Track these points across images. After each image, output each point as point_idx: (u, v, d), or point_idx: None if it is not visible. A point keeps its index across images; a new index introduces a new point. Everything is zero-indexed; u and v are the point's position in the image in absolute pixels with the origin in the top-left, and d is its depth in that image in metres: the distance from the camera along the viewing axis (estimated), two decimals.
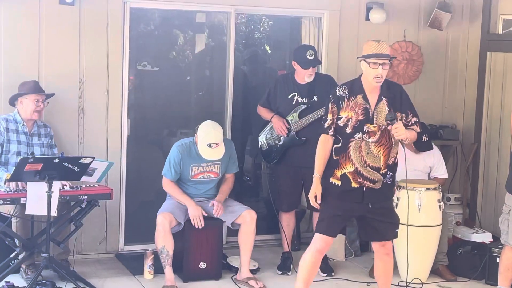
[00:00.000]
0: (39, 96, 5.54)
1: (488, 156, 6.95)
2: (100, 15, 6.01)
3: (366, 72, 4.58)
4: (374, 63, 4.52)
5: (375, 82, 4.55)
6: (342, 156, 4.59)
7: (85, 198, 5.35)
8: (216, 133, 5.50)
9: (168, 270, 5.50)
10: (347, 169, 4.59)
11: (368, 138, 4.56)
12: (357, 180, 4.59)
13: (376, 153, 4.58)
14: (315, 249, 4.74)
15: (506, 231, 5.17)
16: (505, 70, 6.74)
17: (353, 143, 4.56)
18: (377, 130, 4.57)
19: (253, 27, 7.42)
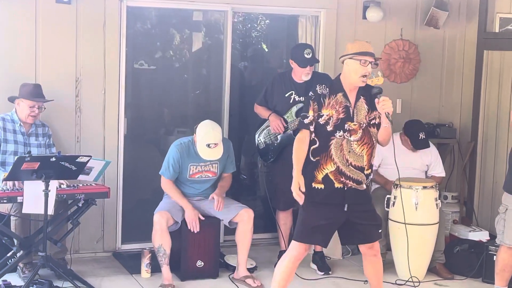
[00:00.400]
0: (35, 102, 5.50)
1: (485, 154, 6.96)
2: (97, 13, 6.01)
3: (352, 69, 4.54)
4: (365, 61, 4.52)
5: (361, 81, 4.54)
6: (323, 156, 4.55)
7: (82, 197, 5.34)
8: (215, 133, 5.50)
9: (165, 269, 5.50)
10: (328, 169, 4.56)
11: (350, 136, 4.54)
12: (339, 179, 4.56)
13: (359, 152, 4.57)
14: (293, 256, 4.68)
15: (502, 231, 5.17)
16: (501, 68, 6.74)
17: (334, 141, 4.54)
18: (358, 128, 4.56)
19: (250, 25, 7.41)
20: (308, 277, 5.84)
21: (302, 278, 5.75)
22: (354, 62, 4.54)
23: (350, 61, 4.56)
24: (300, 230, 4.66)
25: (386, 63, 7.05)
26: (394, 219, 5.90)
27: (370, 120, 4.59)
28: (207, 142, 5.46)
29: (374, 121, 4.60)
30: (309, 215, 4.63)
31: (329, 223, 4.64)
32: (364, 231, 4.71)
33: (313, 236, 4.67)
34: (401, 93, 7.12)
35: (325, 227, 4.64)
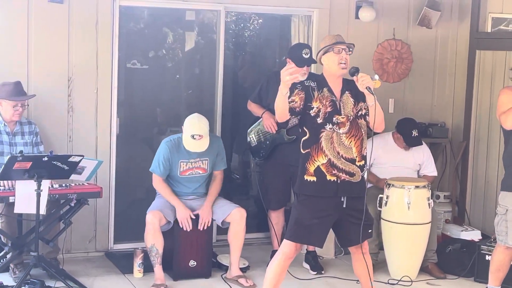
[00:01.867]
0: (17, 102, 5.45)
1: (477, 154, 6.98)
2: (89, 13, 6.00)
3: (330, 61, 4.59)
4: (338, 49, 4.56)
5: (340, 69, 4.56)
6: (314, 148, 4.56)
7: (74, 197, 5.33)
8: (200, 125, 5.51)
9: (158, 269, 5.50)
10: (319, 161, 4.56)
11: (339, 129, 4.56)
12: (331, 172, 4.56)
13: (347, 144, 4.58)
14: (284, 255, 4.68)
15: (505, 232, 5.13)
16: (494, 68, 6.77)
17: (324, 134, 4.55)
18: (346, 120, 4.57)
19: (242, 25, 7.41)
20: (301, 276, 5.84)
21: (295, 277, 5.75)
22: (329, 55, 4.59)
23: (325, 56, 4.61)
24: (294, 229, 4.65)
25: (378, 63, 7.06)
26: (386, 218, 5.91)
27: (357, 111, 4.61)
28: (192, 133, 5.47)
29: (361, 112, 4.62)
30: (302, 214, 4.62)
31: (322, 221, 4.63)
32: (357, 231, 4.70)
33: (307, 236, 4.67)
34: (393, 93, 7.13)
35: (319, 225, 4.63)
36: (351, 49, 4.63)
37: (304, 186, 4.62)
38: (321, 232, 4.69)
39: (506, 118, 5.02)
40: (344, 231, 4.72)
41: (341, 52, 4.57)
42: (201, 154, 5.69)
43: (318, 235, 4.69)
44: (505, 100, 5.08)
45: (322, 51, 4.62)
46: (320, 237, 4.70)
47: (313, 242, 4.82)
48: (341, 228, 4.71)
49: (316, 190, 4.59)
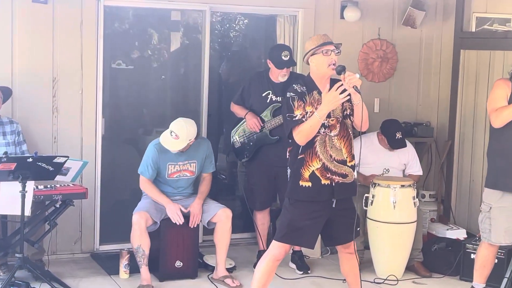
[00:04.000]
0: None
1: (462, 153, 7.01)
2: (74, 13, 5.98)
3: (319, 63, 4.55)
4: (326, 51, 4.54)
5: (330, 69, 4.54)
6: (308, 153, 4.54)
7: (59, 198, 5.31)
8: (182, 125, 5.49)
9: (144, 270, 5.49)
10: (314, 166, 4.55)
11: (330, 132, 4.56)
12: (325, 175, 4.56)
13: (338, 146, 4.58)
14: (273, 256, 4.67)
15: (489, 229, 5.15)
16: (478, 68, 6.80)
17: (319, 138, 4.54)
18: (336, 122, 4.57)
19: (228, 25, 7.40)
20: (287, 276, 5.85)
21: (281, 277, 5.75)
22: (317, 57, 4.55)
23: (313, 57, 4.57)
24: (285, 231, 4.63)
25: (364, 63, 7.08)
26: (372, 217, 5.93)
27: (343, 112, 4.60)
28: (172, 129, 5.48)
29: (347, 112, 4.61)
30: (294, 216, 4.61)
31: (314, 222, 4.63)
32: (345, 230, 4.71)
33: (299, 237, 4.66)
34: (379, 93, 7.15)
35: (311, 227, 4.63)
36: (340, 49, 4.61)
37: (298, 192, 4.59)
38: (313, 234, 4.69)
39: (497, 118, 5.01)
40: (332, 230, 4.72)
41: (330, 54, 4.55)
42: (190, 157, 5.68)
43: (310, 237, 4.69)
44: (498, 96, 5.04)
45: (310, 52, 4.57)
46: (312, 239, 4.71)
47: (305, 244, 4.80)
48: (329, 227, 4.71)
49: (312, 195, 4.57)
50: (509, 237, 5.13)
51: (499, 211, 5.10)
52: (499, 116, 4.99)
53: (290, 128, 4.53)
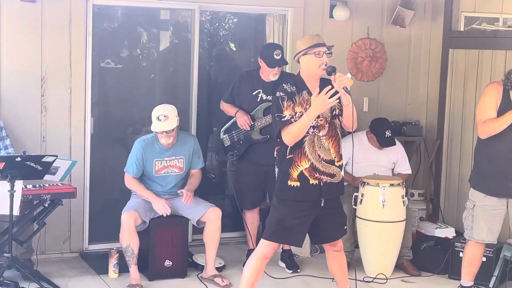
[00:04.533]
0: None
1: (451, 152, 7.03)
2: (63, 12, 5.96)
3: (310, 64, 4.55)
4: (318, 53, 4.54)
5: (321, 70, 4.54)
6: (297, 153, 4.55)
7: (48, 197, 5.30)
8: (165, 107, 5.55)
9: (133, 269, 5.48)
10: (302, 166, 4.56)
11: (319, 132, 4.57)
12: (314, 175, 4.57)
13: (327, 146, 4.59)
14: (261, 255, 4.68)
15: (471, 226, 5.20)
16: (467, 67, 6.82)
17: (308, 138, 4.55)
18: (325, 122, 4.58)
19: (217, 24, 7.40)
20: (277, 275, 5.85)
21: (271, 276, 5.75)
22: (309, 57, 4.56)
23: (305, 57, 4.57)
24: (273, 230, 4.64)
25: (353, 62, 7.09)
26: (361, 216, 5.94)
27: (332, 112, 4.61)
28: (157, 115, 5.50)
29: (335, 112, 4.62)
30: (283, 215, 4.62)
31: (303, 221, 4.64)
32: (332, 228, 4.73)
33: (288, 236, 4.67)
34: (368, 92, 7.17)
35: (299, 226, 4.64)
36: (331, 51, 4.61)
37: (287, 191, 4.60)
38: (301, 232, 4.71)
39: (483, 131, 5.03)
40: (320, 229, 4.73)
41: (322, 56, 4.55)
42: (176, 152, 5.68)
43: (298, 235, 4.70)
44: (487, 105, 5.03)
45: (302, 52, 4.57)
46: (300, 237, 4.72)
47: (294, 242, 4.82)
48: (316, 226, 4.72)
49: (300, 195, 4.59)
50: (492, 235, 5.17)
51: (482, 210, 5.14)
52: (485, 129, 5.02)
53: (279, 128, 4.53)
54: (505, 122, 4.95)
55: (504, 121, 4.95)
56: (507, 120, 4.94)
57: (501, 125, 4.96)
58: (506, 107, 4.99)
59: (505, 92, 5.03)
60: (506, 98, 5.02)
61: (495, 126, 4.97)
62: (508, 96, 5.02)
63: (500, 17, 7.75)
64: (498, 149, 5.03)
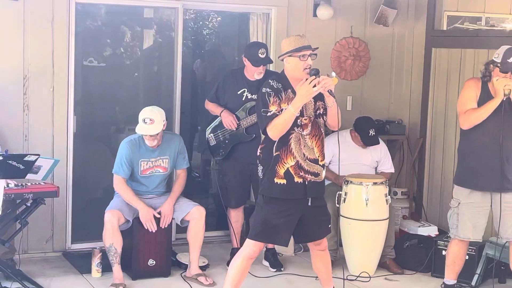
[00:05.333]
0: None
1: (434, 150, 7.06)
2: (45, 10, 5.92)
3: (295, 66, 4.56)
4: (303, 55, 4.54)
5: (305, 73, 4.54)
6: (283, 150, 4.57)
7: (30, 196, 5.26)
8: (153, 110, 5.52)
9: (117, 268, 5.46)
10: (288, 163, 4.57)
11: (302, 131, 4.59)
12: (299, 174, 4.58)
13: (310, 144, 4.61)
14: (247, 254, 4.68)
15: (456, 225, 5.22)
16: (449, 66, 6.85)
17: (294, 136, 4.56)
18: (308, 122, 4.59)
19: (201, 23, 7.39)
20: (260, 274, 5.85)
21: (254, 275, 5.75)
22: (294, 59, 4.56)
23: (289, 58, 4.58)
24: (259, 229, 4.64)
25: (336, 61, 7.11)
26: (345, 215, 5.95)
27: (316, 111, 4.63)
28: (143, 117, 5.47)
29: (319, 111, 4.64)
30: (269, 214, 4.62)
31: (288, 220, 4.64)
32: (317, 227, 4.75)
33: (273, 235, 4.68)
34: (351, 90, 7.19)
35: (285, 225, 4.64)
36: (316, 53, 4.62)
37: (273, 189, 4.60)
38: (287, 232, 4.71)
39: (465, 120, 5.08)
40: (304, 228, 4.74)
41: (307, 60, 4.55)
42: (162, 153, 5.66)
43: (284, 235, 4.71)
44: (467, 97, 5.11)
45: (287, 54, 4.57)
46: (286, 236, 4.73)
47: (280, 241, 4.81)
48: (301, 225, 4.73)
49: (286, 192, 4.59)
50: (477, 233, 5.20)
51: (467, 207, 5.17)
52: (467, 119, 5.07)
53: (265, 123, 4.53)
54: (486, 110, 5.00)
55: (485, 109, 5.00)
56: (488, 108, 4.99)
57: (483, 113, 5.01)
58: (486, 99, 5.05)
59: (484, 85, 5.12)
60: (485, 90, 5.10)
61: (477, 115, 5.02)
62: (487, 89, 5.09)
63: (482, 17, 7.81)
64: (481, 141, 5.07)
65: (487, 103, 5.00)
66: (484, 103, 5.03)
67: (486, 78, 5.11)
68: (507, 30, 6.76)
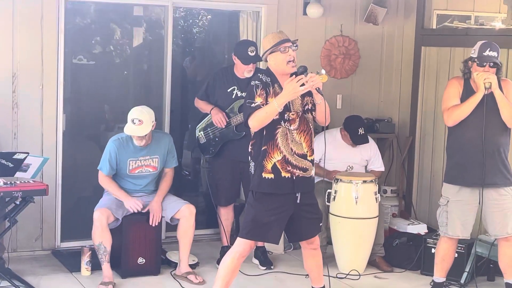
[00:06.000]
0: None
1: (423, 148, 7.08)
2: (34, 8, 5.90)
3: (278, 61, 4.59)
4: (284, 49, 4.57)
5: (290, 67, 4.58)
6: (270, 145, 4.59)
7: (19, 195, 5.24)
8: (142, 110, 5.51)
9: (106, 266, 5.45)
10: (275, 158, 4.59)
11: (290, 126, 4.60)
12: (286, 168, 4.60)
13: (298, 140, 4.62)
14: (238, 253, 4.69)
15: (446, 222, 5.24)
16: (439, 64, 6.87)
17: (280, 130, 4.58)
18: (296, 117, 4.61)
19: (191, 21, 7.38)
20: (250, 272, 5.85)
21: (244, 273, 5.76)
22: (276, 54, 4.59)
23: (271, 55, 4.61)
24: (250, 228, 4.65)
25: (326, 59, 7.11)
26: (334, 213, 5.96)
27: (304, 107, 4.65)
28: (132, 118, 5.47)
29: (307, 107, 4.66)
30: (259, 212, 4.63)
31: (279, 218, 4.65)
32: (309, 225, 4.75)
33: (264, 233, 4.68)
34: (341, 89, 7.20)
35: (276, 222, 4.65)
36: (296, 44, 4.64)
37: (262, 183, 4.62)
38: (278, 229, 4.72)
39: (449, 117, 5.13)
40: (296, 226, 4.75)
41: (288, 51, 4.58)
42: (151, 152, 5.66)
43: (275, 232, 4.71)
44: (450, 94, 5.18)
45: (269, 51, 4.61)
46: (277, 234, 4.73)
47: (270, 239, 4.81)
48: (293, 223, 4.74)
49: (274, 187, 4.61)
50: (466, 231, 5.22)
51: (456, 204, 5.19)
52: (450, 115, 5.11)
53: (248, 114, 4.55)
54: (469, 105, 5.04)
55: (467, 105, 5.05)
56: (470, 103, 5.04)
57: (465, 109, 5.05)
58: (469, 95, 5.10)
59: (466, 82, 5.17)
60: (467, 87, 5.15)
61: (460, 111, 5.07)
62: (469, 86, 5.14)
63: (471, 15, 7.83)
64: (468, 136, 5.10)
65: (469, 98, 5.06)
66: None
67: (466, 75, 5.17)
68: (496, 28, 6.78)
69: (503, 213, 5.14)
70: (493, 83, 4.99)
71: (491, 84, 4.98)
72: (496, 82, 5.00)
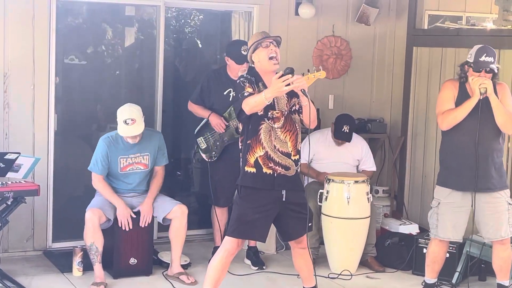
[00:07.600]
0: None
1: (415, 149, 7.10)
2: (26, 7, 5.89)
3: (261, 57, 4.65)
4: (266, 44, 4.62)
5: (272, 64, 4.63)
6: (253, 140, 4.62)
7: (11, 195, 5.23)
8: (131, 109, 5.51)
9: (98, 267, 5.44)
10: (257, 153, 4.62)
11: (274, 124, 4.62)
12: (268, 165, 4.62)
13: (283, 138, 4.65)
14: (226, 251, 4.70)
15: (436, 224, 5.25)
16: (430, 64, 6.89)
17: (264, 126, 4.61)
18: (281, 115, 4.64)
19: (183, 21, 7.38)
20: (242, 272, 5.86)
21: (234, 274, 5.75)
22: (258, 51, 4.65)
23: (255, 53, 4.67)
24: (236, 226, 4.67)
25: (318, 59, 7.12)
26: (326, 213, 5.97)
27: (291, 107, 4.68)
28: (124, 118, 5.45)
29: (295, 107, 4.69)
30: (243, 209, 4.65)
31: (264, 216, 4.67)
32: (296, 224, 4.76)
33: (249, 231, 4.70)
34: (333, 89, 7.21)
35: (261, 220, 4.67)
36: (279, 42, 4.69)
37: (244, 177, 4.67)
38: (264, 227, 4.73)
39: (443, 121, 5.12)
40: (285, 225, 4.76)
41: (269, 46, 4.63)
42: (141, 149, 5.65)
43: (260, 230, 4.72)
44: (445, 98, 5.16)
45: (251, 49, 4.67)
46: (262, 232, 4.74)
47: (256, 237, 4.85)
48: (281, 222, 4.76)
49: (255, 181, 4.64)
50: (457, 233, 5.22)
51: (447, 207, 5.19)
52: (445, 119, 5.11)
53: (240, 104, 4.59)
54: (463, 110, 5.04)
55: (462, 109, 5.04)
56: (465, 108, 5.03)
57: (460, 113, 5.05)
58: (464, 99, 5.09)
59: (461, 85, 5.16)
60: (463, 90, 5.14)
61: (455, 116, 5.06)
62: (465, 89, 5.14)
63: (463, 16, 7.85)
64: (461, 140, 5.10)
65: (464, 103, 5.05)
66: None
67: (462, 79, 5.17)
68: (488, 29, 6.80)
69: (497, 216, 5.14)
70: (489, 88, 4.99)
71: (487, 89, 4.98)
72: (491, 87, 5.00)
